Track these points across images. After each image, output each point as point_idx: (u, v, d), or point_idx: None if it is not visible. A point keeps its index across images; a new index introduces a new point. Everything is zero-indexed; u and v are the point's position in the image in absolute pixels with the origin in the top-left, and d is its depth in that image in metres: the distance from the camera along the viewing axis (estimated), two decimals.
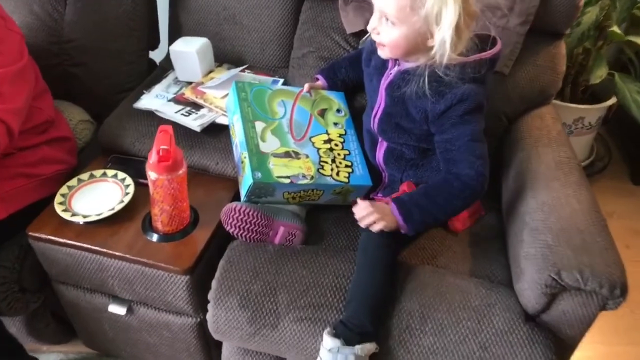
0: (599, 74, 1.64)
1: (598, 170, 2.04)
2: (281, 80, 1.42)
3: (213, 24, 1.48)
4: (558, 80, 1.31)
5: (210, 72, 1.44)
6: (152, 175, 1.03)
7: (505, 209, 1.17)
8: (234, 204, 1.08)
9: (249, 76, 1.42)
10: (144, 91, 1.39)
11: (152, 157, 1.02)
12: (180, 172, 1.04)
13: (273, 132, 1.14)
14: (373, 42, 1.06)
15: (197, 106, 1.33)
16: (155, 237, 1.12)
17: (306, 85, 1.22)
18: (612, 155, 2.12)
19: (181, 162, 1.05)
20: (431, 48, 0.94)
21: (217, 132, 1.30)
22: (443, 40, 0.91)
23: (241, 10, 1.45)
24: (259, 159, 1.08)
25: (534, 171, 1.12)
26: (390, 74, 1.06)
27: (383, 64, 1.08)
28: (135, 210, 1.17)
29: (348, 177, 1.14)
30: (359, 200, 1.03)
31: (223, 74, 1.40)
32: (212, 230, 1.15)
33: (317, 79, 1.27)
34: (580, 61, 1.81)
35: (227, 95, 1.33)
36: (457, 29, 0.91)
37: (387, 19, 0.94)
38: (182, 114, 1.30)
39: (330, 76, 1.26)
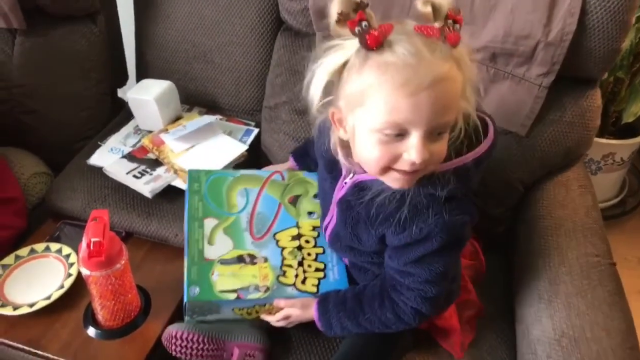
0: (634, 111, 1.40)
1: (630, 208, 1.80)
2: (255, 131, 1.24)
3: (182, 63, 1.29)
4: (590, 138, 1.05)
5: (178, 118, 1.26)
6: (84, 271, 0.86)
7: (516, 315, 0.95)
8: (174, 329, 0.89)
9: (220, 124, 1.24)
10: (99, 143, 1.21)
11: (82, 251, 0.85)
12: (118, 265, 0.87)
13: (226, 231, 0.94)
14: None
15: (154, 164, 1.16)
16: (95, 333, 0.95)
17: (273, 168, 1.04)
18: None
19: (119, 253, 0.88)
20: None
21: (175, 196, 1.12)
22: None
23: (212, 48, 1.25)
24: (200, 270, 0.89)
25: (552, 277, 0.89)
26: (345, 184, 0.81)
27: (335, 166, 0.79)
28: (78, 295, 1.00)
29: (317, 286, 0.90)
30: (279, 302, 0.88)
31: (193, 121, 1.22)
32: (166, 320, 0.97)
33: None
34: (612, 89, 1.57)
35: (187, 151, 1.16)
36: None
37: (439, 133, 0.64)
38: (134, 175, 1.12)
39: (301, 157, 1.03)
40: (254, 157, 1.22)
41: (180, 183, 1.10)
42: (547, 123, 1.01)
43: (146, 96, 1.18)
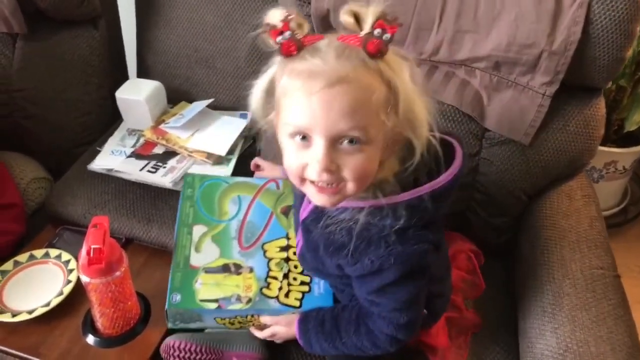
0: (637, 120, 1.40)
1: (632, 216, 1.79)
2: (250, 114, 1.23)
3: (184, 67, 1.29)
4: (594, 147, 1.03)
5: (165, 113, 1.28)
6: (83, 278, 0.86)
7: (520, 329, 0.93)
8: (172, 340, 0.89)
9: (215, 113, 1.25)
10: (98, 148, 1.21)
11: (82, 258, 0.84)
12: (118, 272, 0.86)
13: (214, 239, 0.93)
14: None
15: (163, 158, 1.17)
16: (94, 341, 0.94)
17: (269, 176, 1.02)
18: None
19: (119, 261, 0.87)
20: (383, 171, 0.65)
21: (176, 201, 1.10)
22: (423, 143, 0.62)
23: (214, 53, 1.25)
24: (184, 276, 0.88)
25: (556, 290, 0.87)
26: (308, 204, 0.76)
27: None
28: (77, 302, 0.98)
29: (301, 300, 0.87)
30: (265, 319, 0.87)
31: (188, 109, 1.24)
32: (166, 328, 0.95)
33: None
34: (614, 97, 1.57)
35: (192, 136, 1.18)
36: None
37: (351, 141, 0.59)
38: (149, 170, 1.13)
39: None
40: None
41: (198, 168, 1.12)
42: (550, 132, 0.99)
43: (136, 96, 1.19)
